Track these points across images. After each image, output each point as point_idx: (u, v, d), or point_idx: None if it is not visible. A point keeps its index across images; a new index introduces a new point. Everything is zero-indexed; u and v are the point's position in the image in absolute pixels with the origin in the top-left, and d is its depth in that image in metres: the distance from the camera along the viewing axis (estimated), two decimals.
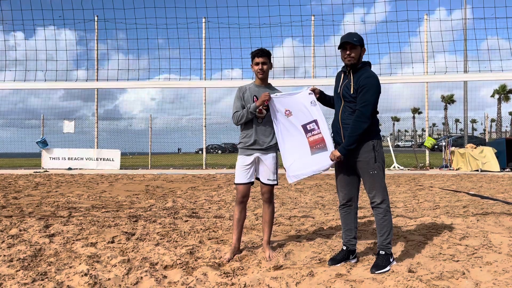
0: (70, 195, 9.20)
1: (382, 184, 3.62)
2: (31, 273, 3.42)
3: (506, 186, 10.70)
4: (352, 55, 3.65)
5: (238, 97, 4.09)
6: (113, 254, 4.03)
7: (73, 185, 11.77)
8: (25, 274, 3.37)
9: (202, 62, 17.90)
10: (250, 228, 5.34)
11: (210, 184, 11.78)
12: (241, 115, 4.00)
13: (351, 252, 3.81)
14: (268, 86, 4.17)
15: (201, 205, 7.73)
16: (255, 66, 4.08)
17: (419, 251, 4.10)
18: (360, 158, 3.64)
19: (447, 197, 8.55)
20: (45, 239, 4.60)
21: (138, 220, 5.95)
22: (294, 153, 3.95)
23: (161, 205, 7.74)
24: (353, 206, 3.84)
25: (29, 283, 3.21)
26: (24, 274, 3.39)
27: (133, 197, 9.03)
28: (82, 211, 6.94)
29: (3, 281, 3.26)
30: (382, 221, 3.60)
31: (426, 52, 18.49)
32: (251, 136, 4.06)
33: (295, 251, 4.15)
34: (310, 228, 5.31)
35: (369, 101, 3.55)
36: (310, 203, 7.91)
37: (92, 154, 19.47)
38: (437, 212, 6.63)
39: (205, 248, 4.27)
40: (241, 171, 4.05)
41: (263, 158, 4.06)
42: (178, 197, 8.97)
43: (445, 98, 63.33)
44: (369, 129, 3.59)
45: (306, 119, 3.91)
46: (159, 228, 5.35)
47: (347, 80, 3.73)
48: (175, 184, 12.07)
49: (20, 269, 3.52)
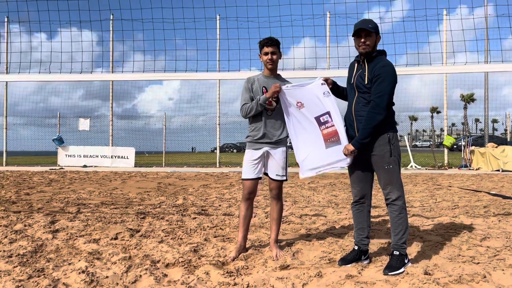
0: (82, 192, 9.15)
1: (398, 179, 3.40)
2: (28, 269, 3.30)
3: None
4: (367, 43, 3.43)
5: (246, 89, 3.91)
6: (114, 251, 3.90)
7: (86, 182, 11.76)
8: (22, 271, 3.25)
9: (217, 58, 17.76)
10: (259, 226, 5.15)
11: (222, 182, 11.64)
12: (250, 108, 3.82)
13: (363, 252, 3.59)
14: (277, 77, 3.98)
15: (212, 203, 7.58)
16: (264, 56, 3.88)
17: (437, 252, 3.86)
18: (375, 152, 3.42)
19: (466, 197, 8.22)
20: (48, 235, 4.49)
21: (146, 217, 5.83)
22: (308, 147, 3.75)
23: (171, 202, 7.61)
24: (366, 203, 3.63)
25: (25, 279, 3.09)
26: (20, 270, 3.27)
27: (144, 194, 8.93)
28: (91, 207, 6.86)
29: None
30: (397, 219, 3.37)
31: (446, 52, 17.96)
32: (260, 129, 3.87)
33: (304, 250, 3.95)
34: (321, 227, 5.10)
35: (384, 91, 3.33)
36: (323, 202, 7.68)
37: (107, 151, 19.54)
38: (456, 212, 6.33)
39: (210, 246, 4.10)
40: (249, 166, 3.87)
41: (272, 152, 3.87)
42: (189, 195, 8.85)
43: (465, 97, 61.99)
44: (384, 121, 3.36)
45: (319, 111, 3.70)
46: (165, 225, 5.20)
47: (361, 70, 3.52)
48: (187, 181, 11.97)
49: (18, 265, 3.40)
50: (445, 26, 18.35)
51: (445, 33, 18.41)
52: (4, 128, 20.57)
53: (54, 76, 7.26)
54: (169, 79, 6.70)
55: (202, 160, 26.41)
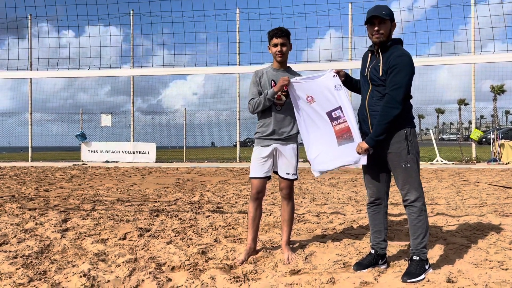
0: (100, 188, 9.16)
1: (417, 179, 3.14)
2: (30, 271, 3.21)
3: None
4: (381, 31, 3.17)
5: (254, 82, 3.71)
6: (121, 252, 3.78)
7: (106, 177, 11.82)
8: (24, 273, 3.16)
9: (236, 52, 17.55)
10: (273, 225, 4.96)
11: (241, 178, 11.49)
12: (257, 103, 3.62)
13: (380, 257, 3.36)
14: (287, 70, 3.76)
15: (228, 200, 7.43)
16: (273, 48, 3.67)
17: (461, 256, 3.58)
18: (391, 149, 3.17)
19: (495, 194, 7.81)
20: (57, 234, 4.42)
21: (159, 215, 5.72)
22: (320, 144, 3.52)
23: (188, 199, 7.51)
24: (382, 204, 3.38)
25: (25, 283, 2.99)
26: (22, 272, 3.17)
27: (162, 190, 8.87)
28: (106, 204, 6.81)
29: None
30: (416, 222, 3.12)
31: (473, 41, 17.20)
32: (269, 125, 3.67)
33: (318, 253, 3.74)
34: (338, 227, 4.86)
35: (400, 83, 3.07)
36: (343, 199, 7.43)
37: (129, 147, 19.69)
38: (483, 210, 5.98)
39: (219, 247, 3.94)
40: (257, 164, 3.67)
41: (282, 149, 3.66)
42: (206, 191, 8.73)
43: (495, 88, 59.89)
44: (400, 116, 3.11)
45: (330, 105, 3.47)
46: (177, 224, 5.07)
47: (375, 61, 3.26)
48: (206, 177, 11.87)
49: (21, 267, 3.32)
50: (473, 12, 17.60)
51: (473, 20, 17.65)
52: (30, 125, 20.98)
53: (71, 73, 7.22)
54: (187, 73, 6.56)
55: (223, 155, 26.37)
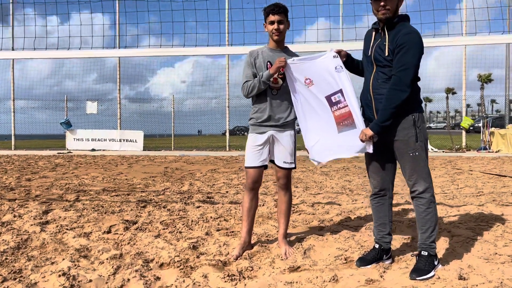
0: (85, 177, 8.82)
1: (425, 168, 2.91)
2: (4, 270, 2.92)
3: None
4: (387, 7, 2.90)
5: (249, 64, 3.42)
6: (105, 247, 3.50)
7: (92, 166, 11.45)
8: None
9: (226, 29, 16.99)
10: (267, 217, 4.72)
11: (231, 166, 11.23)
12: (251, 86, 3.34)
13: (384, 251, 3.14)
14: (284, 50, 3.47)
15: (219, 189, 7.17)
16: (269, 26, 3.38)
17: (468, 249, 3.38)
18: (398, 136, 2.93)
19: (490, 182, 7.68)
20: (37, 228, 4.11)
21: (146, 206, 5.44)
22: (318, 131, 3.27)
23: (176, 189, 7.23)
24: (387, 195, 3.15)
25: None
26: None
27: (149, 179, 8.57)
28: (91, 194, 6.50)
29: None
30: (424, 215, 2.90)
31: (465, 21, 16.84)
32: (264, 110, 3.39)
33: (317, 247, 3.50)
34: (335, 218, 4.64)
35: (409, 63, 2.82)
36: (337, 188, 7.22)
37: (115, 135, 19.25)
38: (481, 199, 5.82)
39: (212, 241, 3.68)
40: (253, 152, 3.41)
41: (278, 136, 3.40)
42: (196, 180, 8.46)
43: (482, 77, 60.20)
44: (408, 99, 2.86)
45: (330, 89, 3.20)
46: (165, 215, 4.80)
47: (380, 40, 3.00)
48: (195, 166, 11.58)
49: None
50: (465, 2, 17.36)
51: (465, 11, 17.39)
52: (12, 112, 20.36)
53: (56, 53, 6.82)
54: (173, 54, 6.23)
55: (212, 143, 26.04)
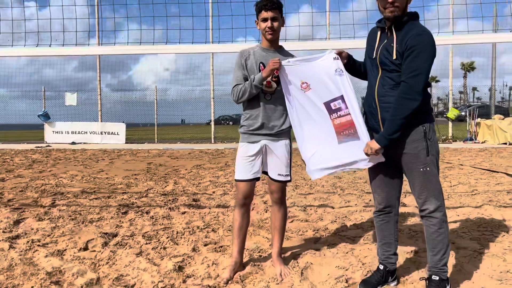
0: (63, 176, 8.38)
1: (437, 185, 2.63)
2: None
3: None
4: (396, 4, 2.58)
5: (239, 65, 3.08)
6: (80, 269, 3.15)
7: (71, 162, 10.98)
8: None
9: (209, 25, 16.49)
10: (258, 226, 4.42)
11: (217, 162, 10.88)
12: (242, 90, 3.00)
13: (390, 273, 2.87)
14: (279, 50, 3.14)
15: (205, 189, 6.85)
16: (261, 23, 3.03)
17: (477, 266, 3.14)
18: (407, 149, 2.64)
19: (483, 179, 7.52)
20: (5, 244, 3.73)
21: (128, 212, 5.09)
22: (316, 141, 2.95)
23: (160, 189, 6.88)
24: (393, 212, 2.87)
25: None
26: None
27: (132, 178, 8.19)
28: (68, 197, 6.11)
29: None
30: (436, 236, 2.63)
31: (452, 18, 16.65)
32: (257, 117, 3.07)
33: (314, 265, 3.22)
34: (330, 226, 4.37)
35: (420, 69, 2.52)
36: (327, 186, 6.97)
37: (96, 127, 18.66)
38: (477, 199, 5.63)
39: (199, 260, 3.37)
40: (244, 164, 3.08)
41: (272, 146, 3.08)
42: (180, 178, 8.11)
43: (465, 65, 60.63)
44: (419, 108, 2.57)
45: (329, 94, 2.88)
46: (148, 225, 4.46)
47: (387, 40, 2.68)
48: (180, 161, 11.20)
49: None
50: None
51: None
52: None
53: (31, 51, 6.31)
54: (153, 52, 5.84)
55: (197, 134, 25.60)
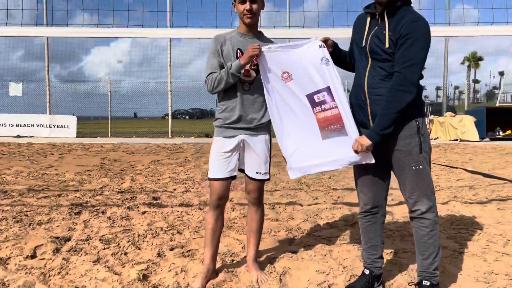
0: (7, 172, 7.69)
1: (430, 184, 2.46)
2: None
3: (497, 159, 9.94)
4: None
5: (214, 52, 2.77)
6: (27, 280, 2.74)
7: (16, 157, 10.17)
8: None
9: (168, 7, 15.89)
10: (227, 226, 4.12)
11: (176, 157, 10.45)
12: (217, 79, 2.70)
13: (376, 278, 2.68)
14: (258, 36, 2.85)
15: (165, 186, 6.47)
16: (239, 6, 2.74)
17: (460, 267, 3.03)
18: (399, 146, 2.44)
19: (443, 175, 7.62)
20: None
21: (82, 212, 4.64)
22: (297, 136, 2.71)
23: (116, 186, 6.42)
24: (380, 213, 2.68)
25: None
26: None
27: (84, 174, 7.63)
28: (13, 196, 5.54)
29: None
30: (427, 238, 2.46)
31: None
32: (234, 109, 2.77)
33: (292, 269, 2.99)
34: (303, 225, 4.16)
35: (416, 58, 2.33)
36: (292, 182, 6.78)
37: (44, 120, 17.55)
38: (443, 196, 5.64)
39: (166, 266, 3.04)
40: (219, 161, 2.78)
41: (251, 142, 2.80)
42: (138, 174, 7.66)
43: None
44: (412, 102, 2.38)
45: (313, 86, 2.64)
46: (105, 227, 4.05)
47: (378, 27, 2.48)
48: (136, 156, 10.67)
49: None
50: None
51: None
52: None
53: None
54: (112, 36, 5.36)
55: (152, 128, 24.86)
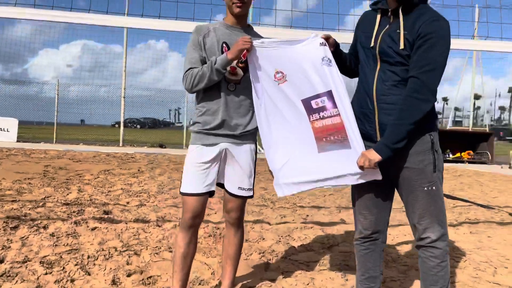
0: None
1: (442, 208, 2.16)
2: None
3: (452, 181, 10.08)
4: None
5: (195, 44, 2.35)
6: None
7: None
8: None
9: None
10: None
11: (128, 167, 9.76)
12: (199, 75, 2.27)
13: None
14: (246, 29, 2.47)
15: (117, 198, 5.87)
16: None
17: None
18: (410, 163, 2.12)
19: None
20: None
21: (19, 226, 4.00)
22: (288, 147, 2.33)
23: (61, 197, 5.74)
24: (380, 239, 2.35)
25: None
26: None
27: (24, 182, 6.83)
28: None
29: None
30: (437, 270, 2.14)
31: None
32: (216, 113, 2.35)
33: None
34: (276, 247, 3.77)
35: (436, 62, 2.03)
36: (256, 198, 6.39)
37: None
38: None
39: None
40: (195, 173, 2.34)
41: (234, 152, 2.39)
42: (86, 184, 6.97)
43: None
44: (428, 113, 2.07)
45: (311, 89, 2.28)
46: (48, 246, 3.45)
47: (390, 26, 2.17)
48: (83, 165, 9.86)
49: None
50: None
51: None
52: None
53: None
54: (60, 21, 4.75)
55: (102, 136, 23.65)
